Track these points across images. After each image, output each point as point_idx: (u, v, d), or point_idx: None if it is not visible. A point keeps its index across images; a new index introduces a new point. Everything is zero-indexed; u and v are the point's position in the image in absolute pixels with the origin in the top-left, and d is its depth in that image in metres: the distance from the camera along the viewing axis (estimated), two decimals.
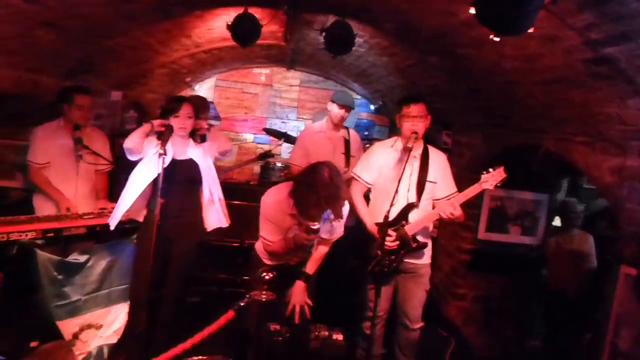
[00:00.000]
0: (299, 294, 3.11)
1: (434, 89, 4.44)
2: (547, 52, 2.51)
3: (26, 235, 3.22)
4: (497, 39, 1.84)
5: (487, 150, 4.27)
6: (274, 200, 2.92)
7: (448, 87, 4.18)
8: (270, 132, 6.49)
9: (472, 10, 1.87)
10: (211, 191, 3.40)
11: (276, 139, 6.54)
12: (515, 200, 4.54)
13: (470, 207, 4.23)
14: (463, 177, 3.64)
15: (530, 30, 1.87)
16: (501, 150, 4.06)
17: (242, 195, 5.23)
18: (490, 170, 3.02)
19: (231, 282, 4.90)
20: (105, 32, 3.55)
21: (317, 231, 2.77)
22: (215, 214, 3.46)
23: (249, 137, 7.67)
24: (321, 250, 3.19)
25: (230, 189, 3.49)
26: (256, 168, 7.29)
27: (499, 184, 3.02)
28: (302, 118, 7.68)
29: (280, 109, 7.68)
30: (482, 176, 3.03)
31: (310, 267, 3.16)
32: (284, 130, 6.93)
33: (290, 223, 2.89)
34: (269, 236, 2.97)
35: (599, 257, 4.59)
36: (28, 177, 3.76)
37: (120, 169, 3.94)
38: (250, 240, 4.98)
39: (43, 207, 3.70)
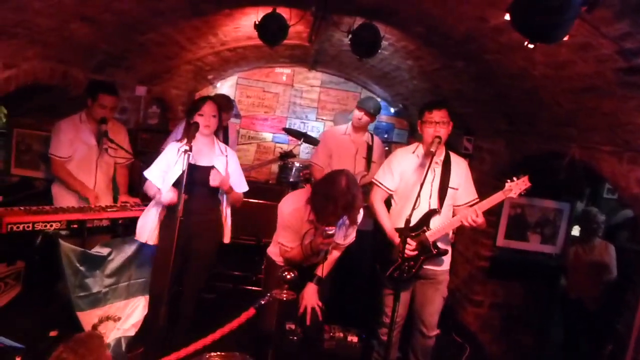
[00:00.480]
0: (310, 296, 3.15)
1: (458, 94, 4.42)
2: (578, 60, 2.49)
3: (51, 225, 3.29)
4: (532, 46, 1.83)
5: (510, 157, 4.24)
6: (293, 209, 3.02)
7: (473, 92, 4.16)
8: (290, 131, 6.51)
9: (507, 17, 1.86)
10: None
11: (295, 139, 6.56)
12: (536, 208, 4.51)
13: (490, 214, 4.19)
14: (484, 183, 3.62)
15: (565, 38, 1.86)
16: (524, 157, 4.03)
17: (260, 193, 5.26)
18: (515, 178, 3.00)
19: (246, 280, 4.94)
20: (138, 28, 3.60)
21: (332, 235, 2.85)
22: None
23: (268, 136, 7.70)
24: (334, 255, 3.26)
25: (248, 187, 3.52)
26: (274, 167, 7.32)
27: (522, 193, 3.00)
28: (322, 119, 7.69)
29: (300, 109, 7.70)
30: (506, 184, 3.01)
31: (323, 271, 3.19)
32: (303, 131, 6.95)
33: (307, 228, 2.98)
34: (287, 243, 3.07)
35: (620, 268, 4.54)
36: (51, 170, 3.81)
37: (143, 163, 3.99)
38: (266, 238, 5.01)
39: (62, 197, 3.76)
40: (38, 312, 3.55)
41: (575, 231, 5.05)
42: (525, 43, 1.83)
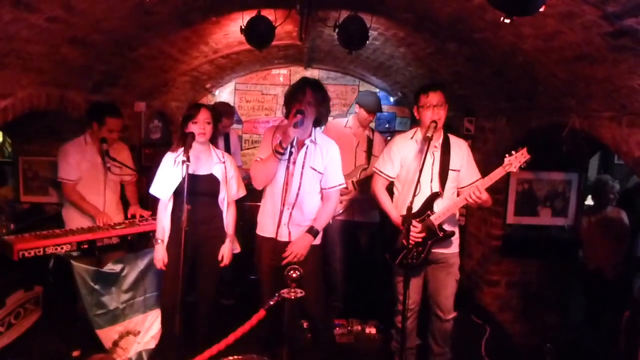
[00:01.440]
0: (301, 244, 3.08)
1: (456, 76, 4.40)
2: (566, 29, 2.46)
3: (62, 248, 3.34)
4: (508, 21, 1.82)
5: (512, 134, 4.21)
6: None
7: (470, 73, 4.13)
8: None
9: None
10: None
11: None
12: (543, 181, 4.47)
13: (498, 192, 4.18)
14: (489, 162, 3.59)
15: (542, 9, 1.84)
16: (526, 132, 4.00)
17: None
18: (513, 152, 2.99)
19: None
20: (128, 44, 3.64)
21: (301, 122, 2.87)
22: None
23: None
24: (327, 207, 3.20)
25: (253, 190, 3.54)
26: None
27: (523, 166, 2.98)
28: None
29: None
30: (505, 159, 3.00)
31: (318, 223, 3.15)
32: None
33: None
34: (261, 155, 3.15)
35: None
36: (63, 194, 3.86)
37: (149, 179, 4.04)
38: None
39: (73, 220, 3.82)
40: (59, 334, 3.61)
41: (589, 200, 4.99)
42: (502, 18, 1.82)
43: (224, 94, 7.53)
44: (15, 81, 3.00)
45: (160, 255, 3.25)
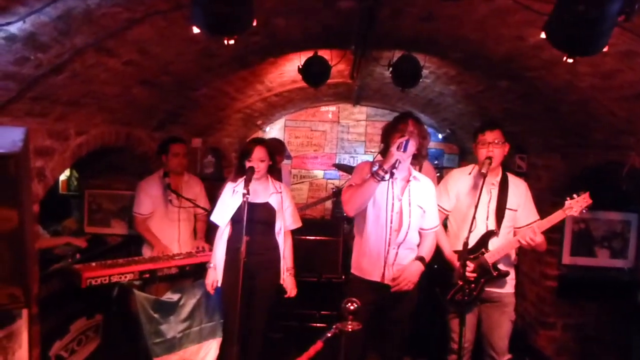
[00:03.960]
0: (413, 270, 2.94)
1: (506, 113, 4.40)
2: (625, 68, 2.47)
3: (125, 277, 3.48)
4: (571, 61, 1.85)
5: (567, 171, 4.14)
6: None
7: (521, 110, 4.13)
8: (340, 167, 6.62)
9: (543, 35, 1.90)
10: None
11: (346, 174, 6.66)
12: (600, 221, 4.34)
13: (553, 231, 4.07)
14: (542, 200, 3.54)
15: (605, 49, 1.87)
16: (581, 170, 3.93)
17: (316, 230, 5.33)
18: (575, 196, 2.94)
19: (311, 318, 4.98)
20: (190, 85, 3.86)
21: (405, 146, 2.70)
22: None
23: (319, 173, 7.86)
24: (429, 243, 3.07)
25: (305, 225, 3.60)
26: (328, 203, 7.42)
27: (584, 210, 2.93)
28: (370, 151, 7.78)
29: (348, 144, 7.84)
30: (566, 202, 2.95)
31: (425, 252, 3.03)
32: (353, 165, 7.05)
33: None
34: (355, 182, 3.01)
35: None
36: (134, 226, 4.11)
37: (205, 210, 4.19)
38: (326, 274, 5.06)
39: (148, 252, 4.02)
40: None
41: None
42: (565, 58, 1.85)
43: (274, 130, 7.75)
44: (90, 120, 3.23)
45: (210, 280, 3.38)
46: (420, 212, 2.98)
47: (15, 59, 2.09)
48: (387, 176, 2.77)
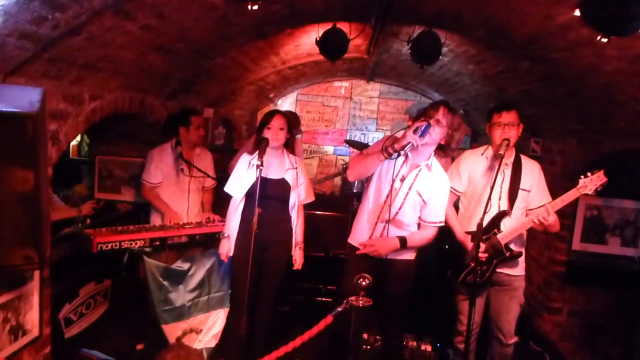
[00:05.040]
0: (385, 243, 2.96)
1: (524, 95, 4.32)
2: None
3: (136, 243, 3.49)
4: (605, 40, 1.80)
5: (583, 157, 4.08)
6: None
7: (540, 93, 4.05)
8: (351, 143, 6.58)
9: (577, 12, 1.84)
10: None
11: (357, 150, 6.62)
12: (614, 208, 4.30)
13: (564, 216, 4.05)
14: (556, 185, 3.50)
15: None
16: (599, 156, 3.88)
17: (326, 206, 5.34)
18: (589, 174, 2.91)
19: (318, 292, 5.02)
20: (207, 54, 3.81)
21: (424, 131, 2.67)
22: None
23: (329, 149, 7.82)
24: (423, 234, 3.06)
25: (315, 199, 3.58)
26: (337, 180, 7.40)
27: (599, 189, 2.89)
28: (382, 129, 7.72)
29: (360, 121, 7.77)
30: (580, 181, 2.92)
31: (410, 238, 3.00)
32: (364, 142, 7.00)
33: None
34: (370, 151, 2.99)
35: None
36: (141, 193, 4.11)
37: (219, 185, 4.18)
38: (334, 250, 5.08)
39: (157, 220, 4.03)
40: (125, 327, 3.77)
41: None
42: (598, 38, 1.79)
43: (286, 104, 7.69)
44: (105, 85, 3.20)
45: (224, 249, 3.40)
46: (418, 199, 2.96)
47: (33, 18, 2.04)
48: (394, 155, 2.76)
